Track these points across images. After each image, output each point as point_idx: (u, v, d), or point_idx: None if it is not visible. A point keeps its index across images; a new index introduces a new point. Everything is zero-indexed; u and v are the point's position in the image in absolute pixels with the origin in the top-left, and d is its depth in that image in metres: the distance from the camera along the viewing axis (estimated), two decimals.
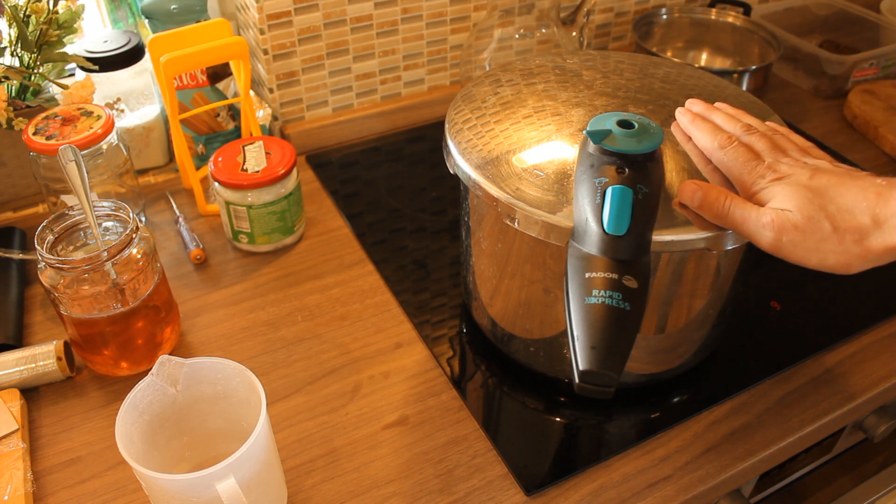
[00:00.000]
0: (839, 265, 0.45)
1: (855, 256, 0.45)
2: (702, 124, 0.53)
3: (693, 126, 0.53)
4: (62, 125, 0.71)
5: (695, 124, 0.53)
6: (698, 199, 0.48)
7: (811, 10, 1.16)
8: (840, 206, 0.45)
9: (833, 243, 0.44)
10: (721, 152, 0.50)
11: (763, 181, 0.48)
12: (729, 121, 0.53)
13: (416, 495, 0.56)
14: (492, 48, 0.88)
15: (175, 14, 0.81)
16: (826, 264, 0.45)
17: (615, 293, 0.43)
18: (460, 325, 0.70)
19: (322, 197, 0.86)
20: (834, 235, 0.44)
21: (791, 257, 0.46)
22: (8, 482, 0.54)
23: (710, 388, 0.64)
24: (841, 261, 0.45)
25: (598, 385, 0.42)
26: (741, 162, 0.49)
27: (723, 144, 0.50)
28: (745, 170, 0.49)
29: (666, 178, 0.50)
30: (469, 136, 0.57)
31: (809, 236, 0.45)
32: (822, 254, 0.45)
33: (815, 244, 0.45)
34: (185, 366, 0.50)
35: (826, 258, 0.45)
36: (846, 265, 0.45)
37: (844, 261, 0.45)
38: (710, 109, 0.55)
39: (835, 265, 0.45)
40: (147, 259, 0.61)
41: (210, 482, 0.44)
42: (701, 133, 0.52)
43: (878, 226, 0.44)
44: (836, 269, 0.46)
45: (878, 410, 0.73)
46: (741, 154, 0.50)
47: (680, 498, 0.56)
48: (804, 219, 0.45)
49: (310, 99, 0.92)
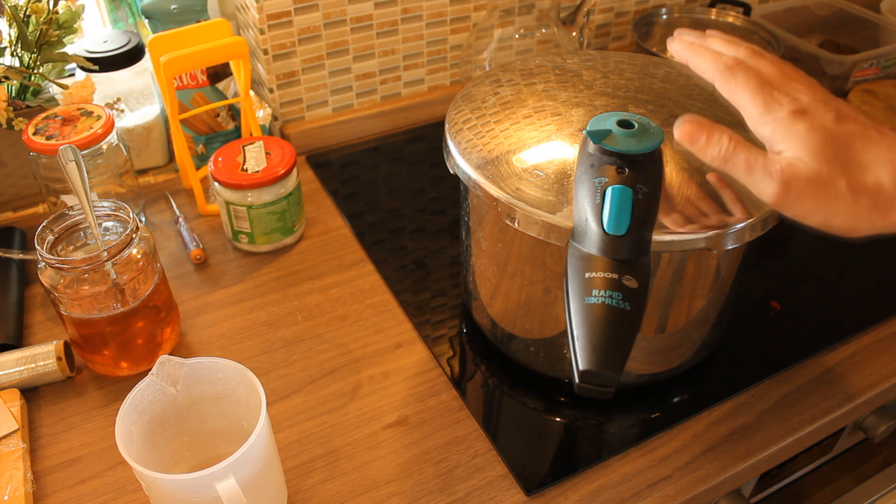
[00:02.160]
0: (845, 227, 0.40)
1: (866, 221, 0.40)
2: (701, 49, 0.46)
3: (691, 52, 0.46)
4: (62, 125, 0.71)
5: (693, 49, 0.46)
6: (701, 140, 0.42)
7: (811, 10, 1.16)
8: (864, 162, 0.39)
9: (845, 202, 0.39)
10: (727, 74, 0.43)
11: (780, 110, 0.41)
12: (729, 45, 0.47)
13: (416, 495, 0.56)
14: (492, 48, 0.88)
15: (175, 14, 0.81)
16: (832, 224, 0.41)
17: (615, 293, 0.43)
18: (460, 325, 0.70)
19: (322, 197, 0.86)
20: (849, 195, 0.39)
21: (793, 212, 0.41)
22: (8, 482, 0.54)
23: (710, 388, 0.64)
24: (849, 223, 0.40)
25: (598, 385, 0.42)
26: (752, 86, 0.42)
27: (729, 65, 0.43)
28: (759, 95, 0.42)
29: (666, 177, 0.50)
30: (469, 136, 0.57)
31: (821, 191, 0.39)
32: (831, 211, 0.40)
33: (825, 200, 0.40)
34: (185, 366, 0.50)
35: (834, 217, 0.40)
36: (852, 228, 0.40)
37: (853, 223, 0.40)
38: (704, 36, 0.48)
39: (840, 226, 0.40)
40: (147, 259, 0.61)
41: (210, 482, 0.44)
42: (701, 59, 0.46)
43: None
44: (839, 230, 0.41)
45: (878, 410, 0.73)
46: (752, 78, 0.42)
47: (680, 498, 0.56)
48: (820, 171, 0.39)
49: (310, 99, 0.92)
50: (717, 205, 0.49)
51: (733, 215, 0.49)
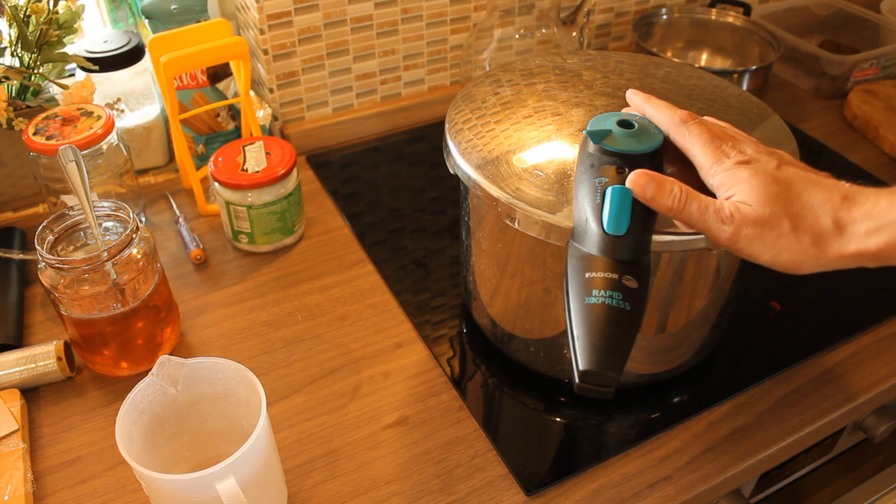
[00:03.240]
0: (791, 264, 0.44)
1: (809, 257, 0.43)
2: (656, 101, 0.50)
3: (648, 104, 0.50)
4: (62, 125, 0.71)
5: (650, 102, 0.51)
6: (651, 192, 0.45)
7: (811, 10, 1.16)
8: (804, 203, 0.43)
9: (790, 241, 0.43)
10: (682, 127, 0.48)
11: (727, 161, 0.45)
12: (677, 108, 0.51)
13: (416, 495, 0.56)
14: (492, 48, 0.88)
15: (175, 14, 0.81)
16: (778, 262, 0.44)
17: (615, 293, 0.43)
18: (460, 325, 0.70)
19: (322, 197, 0.86)
20: (792, 234, 0.43)
21: (745, 252, 0.45)
22: (8, 482, 0.54)
23: (710, 388, 0.64)
24: (794, 259, 0.44)
25: (598, 385, 0.42)
26: (703, 140, 0.46)
27: (684, 119, 0.48)
28: (709, 147, 0.46)
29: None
30: (469, 136, 0.57)
31: (768, 232, 0.43)
32: (777, 250, 0.44)
33: (772, 240, 0.43)
34: (185, 366, 0.50)
35: (780, 255, 0.44)
36: (798, 265, 0.44)
37: (798, 260, 0.44)
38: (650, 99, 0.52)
39: (786, 263, 0.44)
40: (147, 259, 0.61)
41: (210, 482, 0.44)
42: (657, 110, 0.50)
43: (839, 231, 0.43)
44: (786, 268, 0.44)
45: (878, 410, 0.73)
46: (704, 131, 0.47)
47: (680, 498, 0.56)
48: (765, 214, 0.43)
49: (310, 99, 0.92)
50: None
51: None
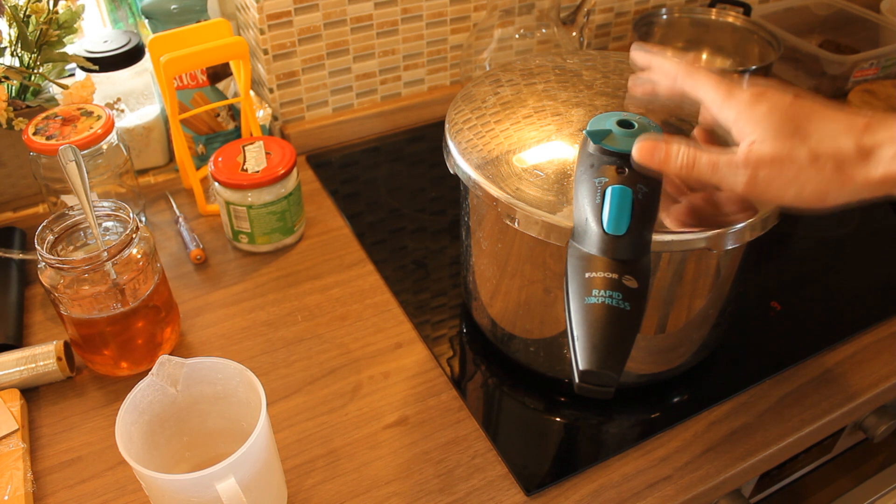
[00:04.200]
0: (815, 197, 0.42)
1: (834, 186, 0.41)
2: (663, 52, 0.49)
3: (654, 57, 0.50)
4: (62, 125, 0.71)
5: (656, 54, 0.50)
6: (659, 158, 0.44)
7: (811, 10, 1.16)
8: (824, 132, 0.41)
9: (811, 172, 0.41)
10: (690, 69, 0.46)
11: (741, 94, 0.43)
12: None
13: (416, 495, 0.56)
14: (492, 48, 0.88)
15: (175, 14, 0.81)
16: (802, 197, 0.42)
17: (615, 293, 0.43)
18: (460, 325, 0.70)
19: (322, 197, 0.86)
20: (813, 165, 0.41)
21: (767, 195, 0.43)
22: (8, 482, 0.54)
23: (710, 388, 0.64)
24: (819, 190, 0.42)
25: (598, 385, 0.42)
26: (714, 78, 0.45)
27: (691, 62, 0.47)
28: (721, 84, 0.44)
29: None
30: (469, 136, 0.57)
31: (787, 167, 0.41)
32: (799, 185, 0.42)
33: (792, 175, 0.41)
34: (185, 366, 0.50)
35: (803, 189, 0.42)
36: (823, 195, 0.42)
37: (823, 190, 0.42)
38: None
39: (810, 197, 0.42)
40: (147, 259, 0.61)
41: (210, 482, 0.44)
42: (664, 59, 0.49)
43: (864, 156, 0.41)
44: (810, 202, 0.42)
45: (878, 410, 0.73)
46: (712, 75, 0.45)
47: (680, 498, 0.56)
48: (783, 149, 0.41)
49: (310, 99, 0.92)
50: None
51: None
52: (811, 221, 0.82)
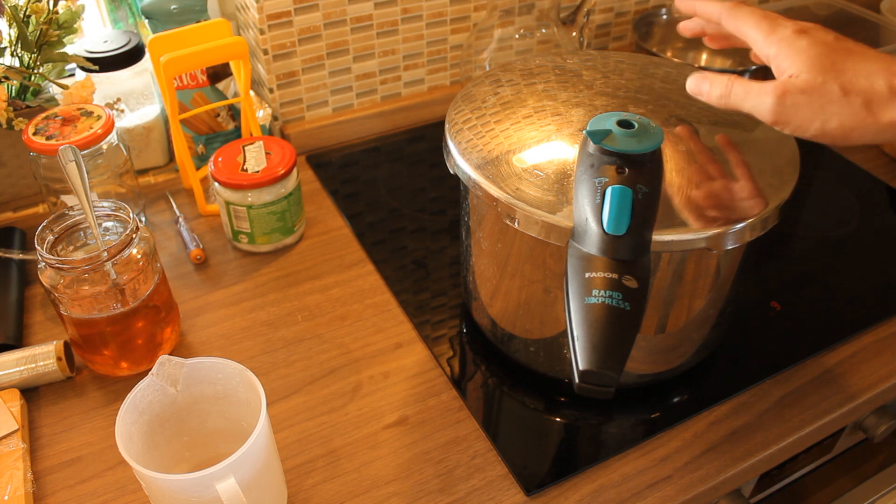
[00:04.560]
0: (840, 130, 0.43)
1: (860, 121, 0.42)
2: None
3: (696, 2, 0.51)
4: (62, 125, 0.71)
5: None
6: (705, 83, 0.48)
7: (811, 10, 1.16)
8: (859, 70, 0.42)
9: (840, 105, 0.42)
10: (733, 9, 0.48)
11: (784, 30, 0.45)
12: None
13: (416, 495, 0.56)
14: (492, 48, 0.88)
15: (175, 14, 0.81)
16: (827, 129, 0.43)
17: (615, 293, 0.43)
18: (460, 325, 0.70)
19: (322, 197, 0.86)
20: (843, 98, 0.42)
21: (791, 123, 0.44)
22: (8, 482, 0.54)
23: (710, 388, 0.64)
24: (845, 124, 0.43)
25: (598, 385, 0.42)
26: (757, 15, 0.47)
27: (735, 2, 0.48)
28: (763, 21, 0.46)
29: (666, 177, 0.50)
30: (469, 136, 0.57)
31: (816, 98, 0.43)
32: (826, 116, 0.43)
33: (819, 106, 0.43)
34: (185, 366, 0.50)
35: (829, 121, 0.43)
36: (849, 130, 0.43)
37: (848, 124, 0.43)
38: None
39: (835, 130, 0.43)
40: (147, 259, 0.61)
41: (210, 482, 0.44)
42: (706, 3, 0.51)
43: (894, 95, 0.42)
44: (834, 136, 0.43)
45: (878, 410, 0.73)
46: (756, 10, 0.47)
47: (680, 498, 0.56)
48: (816, 81, 0.42)
49: (310, 99, 0.92)
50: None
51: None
52: (811, 221, 0.82)
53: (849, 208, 0.84)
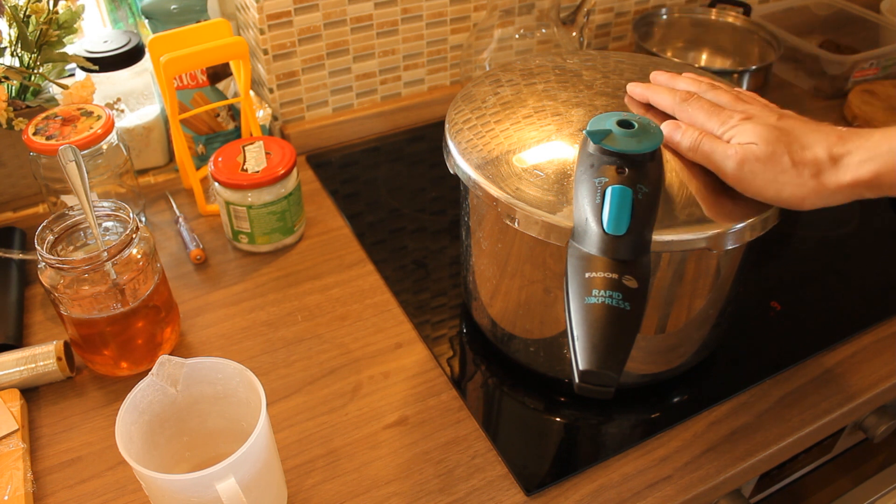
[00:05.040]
0: (794, 198, 0.47)
1: (810, 190, 0.46)
2: (657, 88, 0.55)
3: (649, 91, 0.55)
4: (62, 125, 0.71)
5: (651, 89, 0.55)
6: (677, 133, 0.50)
7: (811, 10, 1.16)
8: (803, 143, 0.47)
9: (791, 175, 0.46)
10: (683, 105, 0.52)
11: (732, 121, 0.49)
12: (693, 83, 0.55)
13: (416, 495, 0.56)
14: (492, 48, 0.88)
15: (175, 14, 0.81)
16: (782, 196, 0.47)
17: (615, 293, 0.43)
18: (460, 325, 0.70)
19: (322, 197, 0.86)
20: (793, 169, 0.46)
21: (750, 188, 0.48)
22: (8, 482, 0.54)
23: (710, 388, 0.64)
24: (797, 193, 0.47)
25: (598, 385, 0.42)
26: (706, 111, 0.51)
27: (684, 98, 0.52)
28: (713, 115, 0.50)
29: (666, 177, 0.50)
30: (469, 136, 0.57)
31: (770, 167, 0.47)
32: (780, 185, 0.47)
33: (773, 175, 0.47)
34: (185, 366, 0.50)
35: (782, 190, 0.47)
36: (801, 199, 0.47)
37: (800, 194, 0.47)
38: (674, 77, 0.57)
39: (790, 198, 0.47)
40: (147, 259, 0.61)
41: (210, 482, 0.44)
42: (658, 95, 0.54)
43: (835, 163, 0.46)
44: (790, 203, 0.48)
45: (878, 410, 0.73)
46: (704, 105, 0.51)
47: (680, 498, 0.56)
48: (767, 150, 0.47)
49: (310, 99, 0.92)
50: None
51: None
52: (811, 221, 0.82)
53: (849, 208, 0.84)
